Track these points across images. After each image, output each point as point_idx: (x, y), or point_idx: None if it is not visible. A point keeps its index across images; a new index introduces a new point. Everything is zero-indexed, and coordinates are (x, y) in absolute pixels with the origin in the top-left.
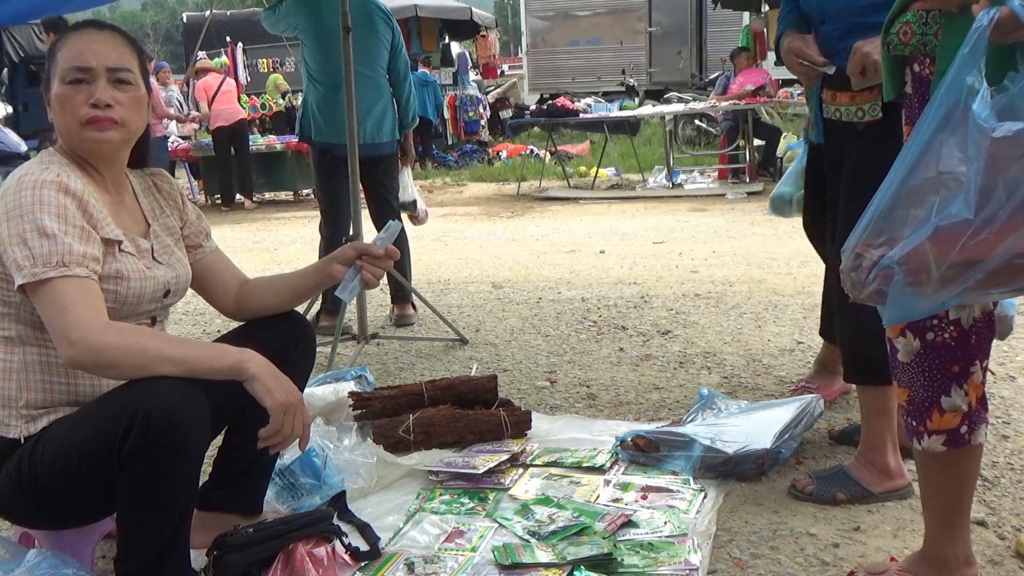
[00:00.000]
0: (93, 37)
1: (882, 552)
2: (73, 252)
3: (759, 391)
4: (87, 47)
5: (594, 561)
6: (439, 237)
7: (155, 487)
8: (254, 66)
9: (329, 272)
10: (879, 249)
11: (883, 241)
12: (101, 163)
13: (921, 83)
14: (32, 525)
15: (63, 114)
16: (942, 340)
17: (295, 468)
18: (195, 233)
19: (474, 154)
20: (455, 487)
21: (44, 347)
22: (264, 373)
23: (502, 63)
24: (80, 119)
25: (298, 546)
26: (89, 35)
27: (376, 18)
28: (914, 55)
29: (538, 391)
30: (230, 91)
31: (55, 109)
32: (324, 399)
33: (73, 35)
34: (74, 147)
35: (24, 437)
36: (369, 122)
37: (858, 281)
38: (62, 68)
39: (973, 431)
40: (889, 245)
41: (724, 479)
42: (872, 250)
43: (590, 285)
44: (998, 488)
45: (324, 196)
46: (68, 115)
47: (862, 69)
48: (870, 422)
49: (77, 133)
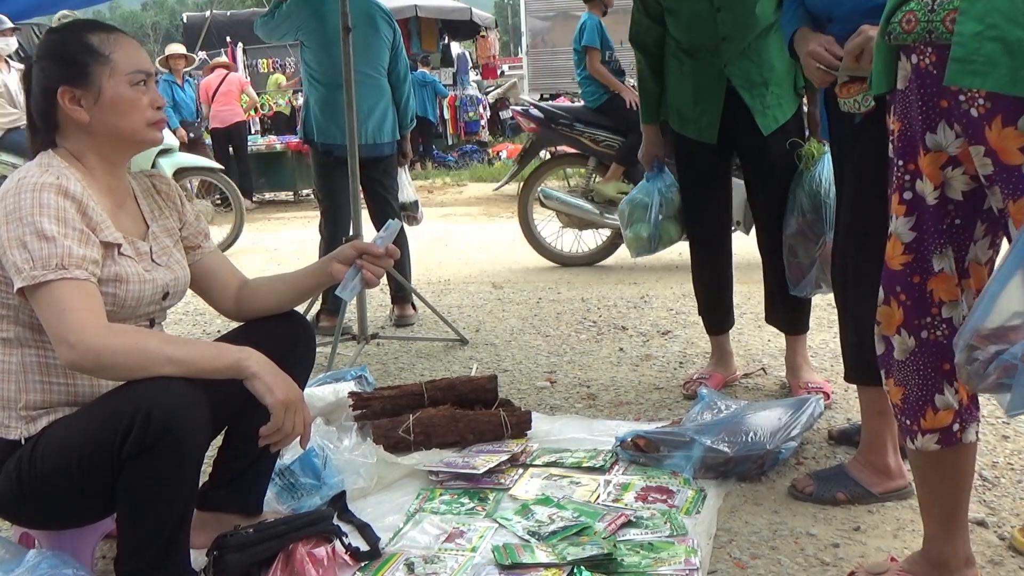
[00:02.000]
0: (132, 41)
1: (882, 552)
2: (72, 255)
3: (759, 391)
4: (139, 51)
5: (594, 561)
6: (439, 237)
7: (155, 487)
8: (254, 66)
9: (329, 272)
10: (996, 344)
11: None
12: (121, 165)
13: (920, 75)
14: (32, 525)
15: (129, 114)
16: (934, 338)
17: (295, 468)
18: (194, 234)
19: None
20: (455, 487)
21: (43, 348)
22: (265, 371)
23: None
24: (148, 120)
25: (298, 546)
26: (128, 39)
27: (378, 18)
28: (915, 45)
29: (538, 391)
30: (231, 91)
31: (115, 109)
32: (324, 399)
33: (120, 36)
34: (122, 147)
35: (24, 438)
36: (371, 122)
37: (975, 373)
38: (126, 70)
39: (964, 429)
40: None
41: (724, 479)
42: (988, 344)
43: (590, 285)
44: (998, 488)
45: (325, 196)
46: (136, 116)
47: (860, 53)
48: (870, 422)
49: (141, 134)
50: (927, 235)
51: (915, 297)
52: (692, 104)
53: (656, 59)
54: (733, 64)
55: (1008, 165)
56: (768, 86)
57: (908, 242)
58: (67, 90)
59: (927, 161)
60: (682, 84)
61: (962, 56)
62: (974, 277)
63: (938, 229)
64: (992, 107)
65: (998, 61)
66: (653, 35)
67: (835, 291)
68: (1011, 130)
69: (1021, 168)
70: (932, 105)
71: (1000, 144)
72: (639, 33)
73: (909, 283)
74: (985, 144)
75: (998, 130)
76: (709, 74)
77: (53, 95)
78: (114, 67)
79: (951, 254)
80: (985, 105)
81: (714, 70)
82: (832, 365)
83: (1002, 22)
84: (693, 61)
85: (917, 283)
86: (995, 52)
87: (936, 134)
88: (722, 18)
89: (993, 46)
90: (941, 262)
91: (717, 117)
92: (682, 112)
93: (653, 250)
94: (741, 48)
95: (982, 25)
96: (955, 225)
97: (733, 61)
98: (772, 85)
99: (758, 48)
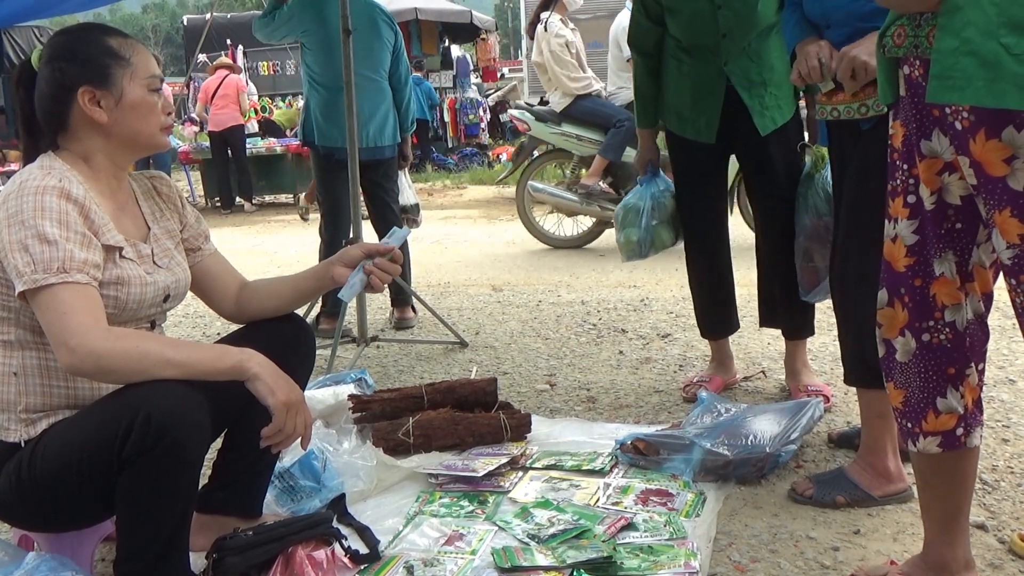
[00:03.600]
0: (144, 47)
1: (882, 555)
2: (74, 259)
3: (759, 394)
4: (151, 57)
5: (594, 564)
6: (439, 240)
7: (154, 489)
8: (255, 69)
9: (331, 275)
10: None
11: None
12: (126, 168)
13: (911, 86)
14: (32, 528)
15: (148, 118)
16: (938, 342)
17: (295, 471)
18: (194, 236)
19: (474, 157)
20: (455, 490)
21: (43, 351)
22: (266, 372)
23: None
24: (162, 125)
25: (297, 549)
26: (140, 44)
27: (379, 21)
28: (906, 57)
29: (538, 394)
30: (228, 94)
31: (136, 112)
32: (324, 402)
33: (134, 42)
34: (135, 150)
35: (24, 440)
36: (372, 125)
37: None
38: (144, 75)
39: (969, 433)
40: None
41: (724, 482)
42: None
43: (590, 288)
44: (998, 492)
45: (325, 199)
46: (152, 120)
47: (852, 73)
48: (870, 425)
49: (156, 137)
50: (928, 239)
51: (917, 300)
52: (691, 104)
53: (654, 61)
54: (733, 63)
55: (992, 177)
56: (767, 87)
57: (911, 245)
58: (88, 90)
59: (923, 167)
60: (681, 84)
61: (940, 72)
62: (978, 281)
63: (936, 234)
64: (976, 120)
65: (974, 75)
66: (653, 37)
67: (834, 294)
68: (994, 142)
69: (1005, 179)
70: (926, 114)
71: (984, 156)
72: (638, 35)
73: (912, 286)
74: (970, 156)
75: (982, 142)
76: (708, 73)
77: (69, 95)
78: (134, 71)
79: (952, 258)
80: (969, 118)
81: (714, 69)
82: (832, 368)
83: (977, 36)
84: (692, 60)
85: (919, 286)
86: (971, 66)
87: (931, 141)
88: (723, 15)
89: (969, 61)
90: (941, 266)
91: (716, 116)
92: (680, 113)
93: (644, 255)
94: (742, 46)
95: (958, 40)
96: (956, 229)
97: (733, 60)
98: (771, 86)
99: (759, 48)
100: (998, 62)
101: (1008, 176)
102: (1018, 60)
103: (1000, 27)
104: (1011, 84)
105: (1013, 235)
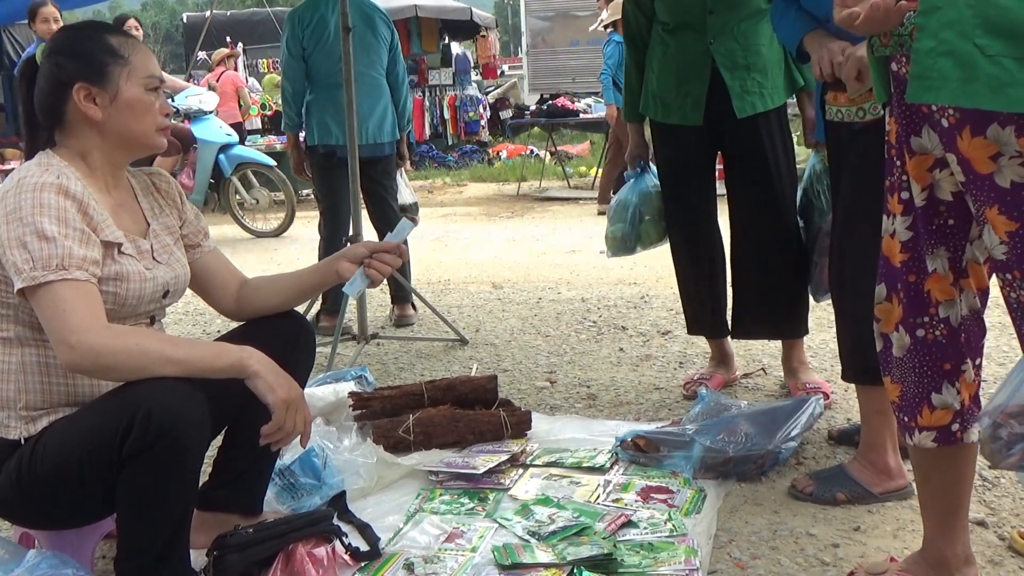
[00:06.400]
0: (145, 47)
1: (882, 552)
2: (73, 256)
3: (759, 391)
4: (152, 58)
5: (594, 561)
6: (439, 237)
7: (155, 487)
8: (254, 66)
9: (336, 270)
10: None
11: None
12: (123, 166)
13: (900, 82)
14: (32, 525)
15: (143, 117)
16: (932, 338)
17: (295, 468)
18: (194, 232)
19: (474, 154)
20: (455, 487)
21: (42, 348)
22: (266, 370)
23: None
24: (158, 126)
25: (298, 546)
26: (142, 44)
27: (377, 19)
28: (894, 55)
29: (538, 391)
30: (226, 91)
31: (131, 110)
32: (324, 399)
33: (135, 41)
34: (130, 149)
35: (24, 438)
36: (371, 122)
37: (997, 450)
38: (142, 75)
39: (966, 429)
40: None
41: (724, 479)
42: (1014, 422)
43: (590, 285)
44: (998, 488)
45: (325, 197)
46: (148, 120)
47: (857, 73)
48: (870, 422)
49: (151, 137)
50: (920, 235)
51: (911, 296)
52: (676, 87)
53: (643, 52)
54: (719, 42)
55: (979, 174)
56: (751, 71)
57: (905, 240)
58: (83, 86)
59: (913, 164)
60: (666, 68)
61: (918, 72)
62: (973, 276)
63: (928, 230)
64: (961, 118)
65: (950, 75)
66: (643, 24)
67: (832, 290)
68: (980, 139)
69: (992, 176)
70: (915, 110)
71: (971, 153)
72: (629, 25)
73: (906, 282)
74: (957, 153)
75: (968, 140)
76: (694, 52)
77: (66, 90)
78: (132, 70)
79: (944, 254)
80: (955, 116)
81: (699, 47)
82: (832, 365)
83: (953, 37)
84: (678, 42)
85: (913, 282)
86: (947, 67)
87: (921, 137)
88: None
89: (945, 61)
90: (934, 262)
91: (702, 98)
92: (665, 99)
93: (631, 251)
94: (728, 26)
95: (935, 41)
96: (948, 225)
97: (719, 39)
98: (755, 72)
99: (746, 31)
100: (973, 63)
101: (995, 173)
102: (992, 61)
103: (976, 28)
104: (984, 85)
105: (1002, 232)
